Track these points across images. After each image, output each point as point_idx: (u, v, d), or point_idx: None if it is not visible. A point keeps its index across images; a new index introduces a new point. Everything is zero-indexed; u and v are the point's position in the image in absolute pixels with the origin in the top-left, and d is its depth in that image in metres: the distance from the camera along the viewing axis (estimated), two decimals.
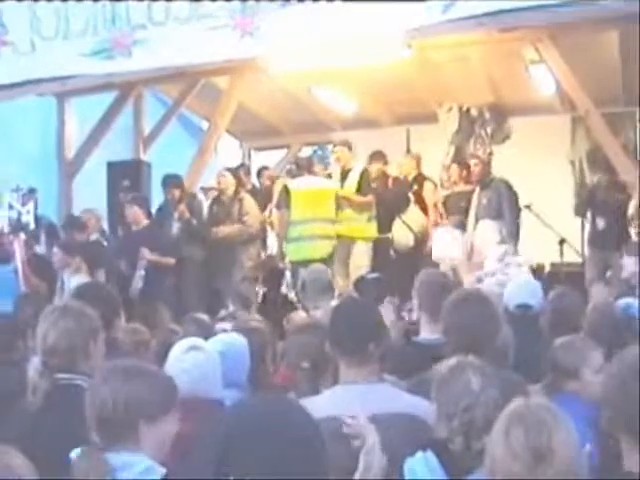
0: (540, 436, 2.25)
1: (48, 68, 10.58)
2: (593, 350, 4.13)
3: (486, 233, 10.04)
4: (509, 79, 12.32)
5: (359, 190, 10.40)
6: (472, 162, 10.79)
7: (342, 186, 10.45)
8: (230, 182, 11.10)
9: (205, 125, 13.84)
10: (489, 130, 10.73)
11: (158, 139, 12.45)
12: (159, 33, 10.05)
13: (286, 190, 10.20)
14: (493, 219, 10.08)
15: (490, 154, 12.22)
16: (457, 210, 10.75)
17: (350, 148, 10.73)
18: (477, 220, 10.29)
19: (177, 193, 10.88)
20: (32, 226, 11.06)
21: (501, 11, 8.66)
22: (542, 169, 10.28)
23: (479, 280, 8.39)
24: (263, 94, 12.95)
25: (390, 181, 11.50)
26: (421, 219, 11.03)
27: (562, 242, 10.49)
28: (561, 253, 10.59)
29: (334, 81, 12.16)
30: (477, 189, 10.45)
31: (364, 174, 10.54)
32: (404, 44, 9.62)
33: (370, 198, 10.45)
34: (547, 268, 10.90)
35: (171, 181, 11.05)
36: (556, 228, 10.44)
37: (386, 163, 11.57)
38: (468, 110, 10.42)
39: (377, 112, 14.15)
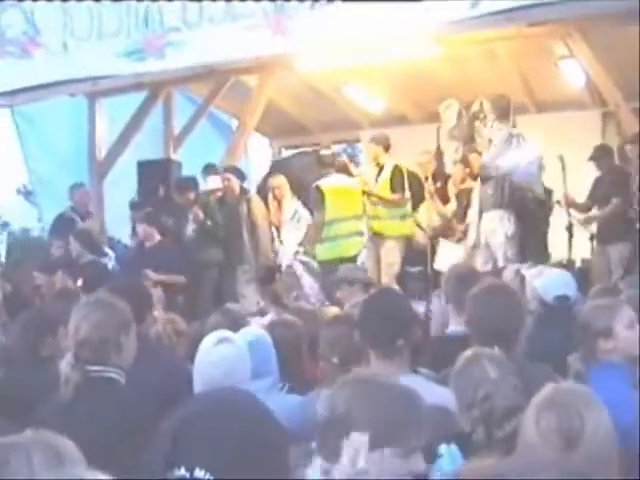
0: (571, 421, 2.25)
1: (80, 69, 10.66)
2: (623, 306, 4.11)
3: (493, 224, 9.94)
4: (538, 74, 12.26)
5: (391, 187, 10.40)
6: (472, 156, 10.70)
7: (376, 183, 10.44)
8: (235, 183, 10.83)
9: (234, 124, 13.88)
10: (490, 124, 10.65)
11: (188, 138, 12.51)
12: (193, 35, 10.10)
13: (319, 190, 10.19)
14: (499, 209, 9.97)
15: None
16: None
17: (379, 143, 10.66)
18: (481, 214, 10.17)
19: (191, 196, 10.84)
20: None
21: (530, 6, 8.63)
22: (572, 165, 10.17)
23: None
24: (292, 92, 12.98)
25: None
26: (435, 217, 10.95)
27: (592, 238, 10.41)
28: (592, 249, 10.50)
29: (363, 79, 12.17)
30: (478, 184, 10.35)
31: (395, 170, 10.52)
32: (433, 41, 9.61)
33: (399, 196, 10.42)
34: (578, 264, 10.80)
35: (185, 184, 11.04)
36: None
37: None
38: (469, 106, 10.38)
39: (406, 109, 14.12)
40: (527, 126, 12.94)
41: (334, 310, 6.90)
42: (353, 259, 9.84)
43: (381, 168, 10.53)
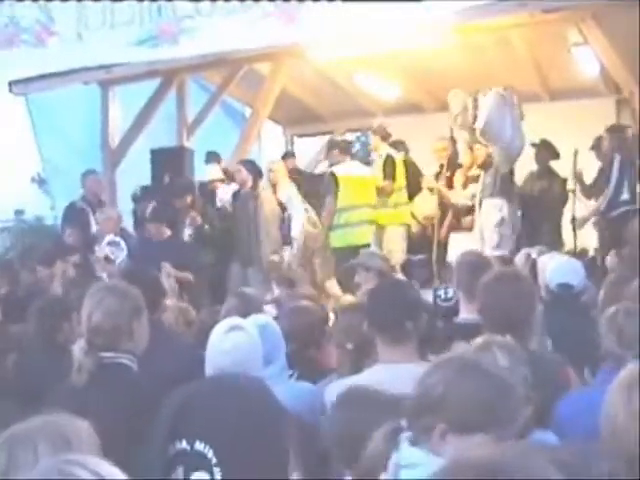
0: None
1: (94, 57, 10.70)
2: None
3: (487, 211, 9.99)
4: (552, 62, 12.22)
5: (383, 176, 10.53)
6: (476, 147, 10.72)
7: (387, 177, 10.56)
8: (245, 176, 10.41)
9: (248, 111, 13.89)
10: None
11: (201, 126, 12.53)
12: (206, 22, 10.11)
13: (333, 177, 10.19)
14: (493, 197, 10.02)
15: None
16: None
17: (377, 133, 10.88)
18: (481, 203, 10.23)
19: (189, 199, 10.75)
20: None
21: None
22: (586, 153, 10.16)
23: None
24: (305, 80, 12.97)
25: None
26: (429, 207, 10.98)
27: None
28: None
29: (376, 67, 12.15)
30: (482, 173, 10.39)
31: (387, 159, 10.64)
32: (446, 28, 9.59)
33: (386, 183, 10.53)
34: (591, 252, 10.78)
35: (183, 187, 10.98)
36: None
37: (407, 152, 11.56)
38: (475, 95, 10.44)
39: (420, 98, 14.11)
40: (540, 114, 12.95)
41: (348, 298, 6.92)
42: (365, 247, 9.84)
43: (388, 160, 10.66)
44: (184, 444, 2.18)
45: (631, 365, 2.56)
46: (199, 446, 2.17)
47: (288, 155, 12.98)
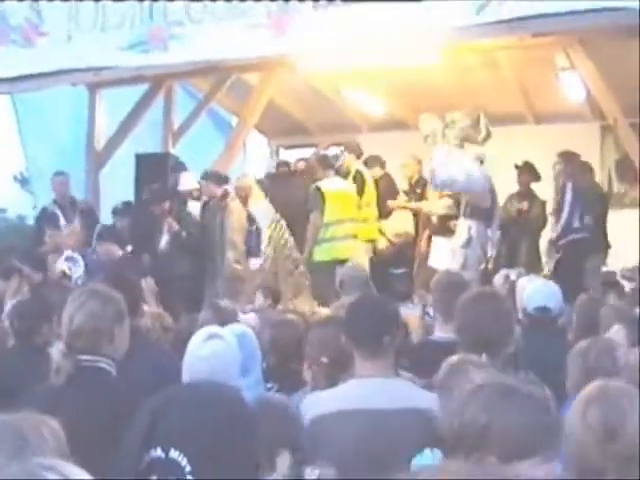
0: (615, 416, 2.31)
1: (83, 59, 10.68)
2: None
3: (458, 232, 10.12)
4: (539, 85, 12.29)
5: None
6: None
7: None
8: (212, 189, 10.46)
9: (234, 121, 13.90)
10: (457, 132, 10.90)
11: (187, 133, 12.53)
12: (196, 29, 10.13)
13: (319, 191, 10.23)
14: (465, 217, 10.13)
15: None
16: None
17: (350, 150, 11.18)
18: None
19: (166, 205, 10.69)
20: None
21: (533, 16, 8.66)
22: None
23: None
24: (293, 92, 13.00)
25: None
26: (399, 226, 11.07)
27: None
28: None
29: (363, 82, 12.19)
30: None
31: (356, 175, 10.86)
32: (435, 47, 9.64)
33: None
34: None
35: (161, 193, 10.94)
36: None
37: (383, 167, 11.65)
38: (443, 116, 10.71)
39: (405, 115, 14.14)
40: (526, 136, 13.04)
41: (323, 311, 6.93)
42: (347, 261, 9.86)
43: (348, 173, 10.95)
44: (159, 452, 2.18)
45: (593, 383, 2.59)
46: (173, 454, 2.18)
47: (281, 165, 12.90)
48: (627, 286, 9.58)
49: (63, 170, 11.49)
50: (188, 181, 11.18)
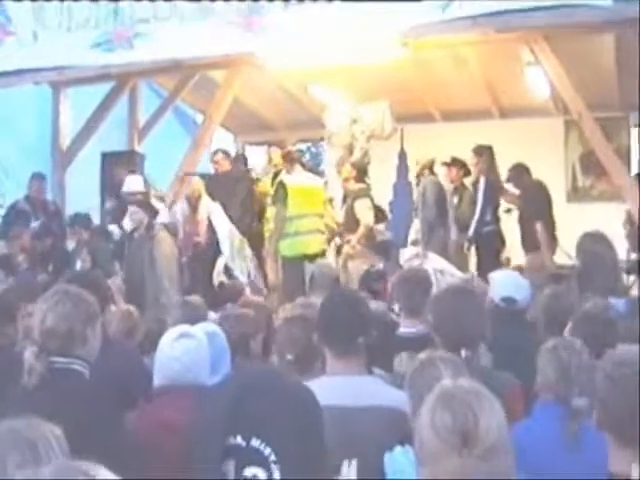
0: (465, 418, 2.27)
1: (49, 58, 10.63)
2: None
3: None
4: (505, 80, 12.37)
5: None
6: (344, 168, 11.08)
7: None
8: (141, 216, 9.91)
9: (200, 118, 13.86)
10: (362, 128, 11.08)
11: (153, 131, 12.48)
12: (162, 27, 10.12)
13: (282, 185, 10.23)
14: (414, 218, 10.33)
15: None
16: None
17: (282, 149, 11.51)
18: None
19: (84, 235, 10.45)
20: None
21: (498, 12, 8.72)
22: (535, 171, 10.29)
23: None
24: (259, 89, 12.97)
25: None
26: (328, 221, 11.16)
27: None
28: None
29: (330, 79, 12.18)
30: None
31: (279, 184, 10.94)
32: (401, 43, 9.66)
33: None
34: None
35: (79, 220, 10.69)
36: None
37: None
38: (350, 112, 10.93)
39: None
40: (490, 131, 13.10)
41: (289, 308, 6.93)
42: (315, 257, 9.86)
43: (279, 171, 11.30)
44: (239, 439, 2.16)
45: (439, 385, 2.56)
46: (255, 442, 2.16)
47: (238, 157, 12.86)
48: None
49: (38, 172, 11.48)
50: (134, 183, 10.73)
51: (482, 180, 10.27)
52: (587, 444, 3.28)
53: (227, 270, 10.17)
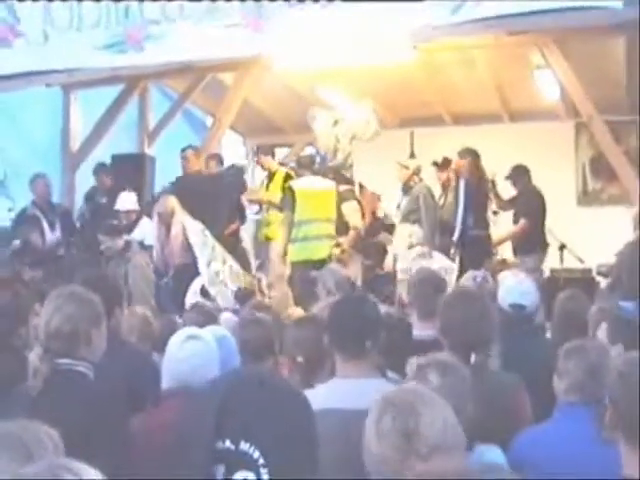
0: (406, 419, 2.28)
1: (60, 60, 10.62)
2: None
3: (400, 237, 10.22)
4: (515, 83, 12.34)
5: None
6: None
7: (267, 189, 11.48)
8: (119, 246, 9.96)
9: (209, 121, 13.87)
10: (344, 129, 11.08)
11: (162, 133, 12.49)
12: (172, 29, 10.12)
13: (291, 190, 10.20)
14: (408, 223, 10.27)
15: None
16: None
17: (267, 153, 11.87)
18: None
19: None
20: None
21: (509, 15, 8.70)
22: (545, 175, 10.29)
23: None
24: (268, 92, 12.98)
25: None
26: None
27: (562, 248, 10.49)
28: (561, 259, 10.59)
29: (338, 81, 12.18)
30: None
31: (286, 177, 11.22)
32: (410, 46, 9.65)
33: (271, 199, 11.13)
34: (546, 274, 10.89)
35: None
36: (557, 234, 10.43)
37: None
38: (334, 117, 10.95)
39: (381, 113, 14.12)
40: (500, 134, 13.09)
41: (298, 311, 6.91)
42: (323, 262, 9.82)
43: (272, 175, 11.51)
44: (228, 443, 2.16)
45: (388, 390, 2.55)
46: (244, 446, 2.16)
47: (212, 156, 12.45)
48: (603, 282, 9.65)
49: (41, 172, 11.40)
50: (127, 200, 10.59)
51: (462, 183, 10.13)
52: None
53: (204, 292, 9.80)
